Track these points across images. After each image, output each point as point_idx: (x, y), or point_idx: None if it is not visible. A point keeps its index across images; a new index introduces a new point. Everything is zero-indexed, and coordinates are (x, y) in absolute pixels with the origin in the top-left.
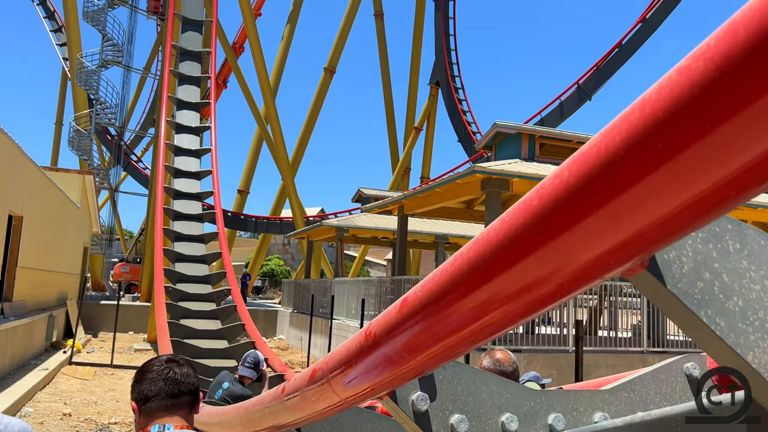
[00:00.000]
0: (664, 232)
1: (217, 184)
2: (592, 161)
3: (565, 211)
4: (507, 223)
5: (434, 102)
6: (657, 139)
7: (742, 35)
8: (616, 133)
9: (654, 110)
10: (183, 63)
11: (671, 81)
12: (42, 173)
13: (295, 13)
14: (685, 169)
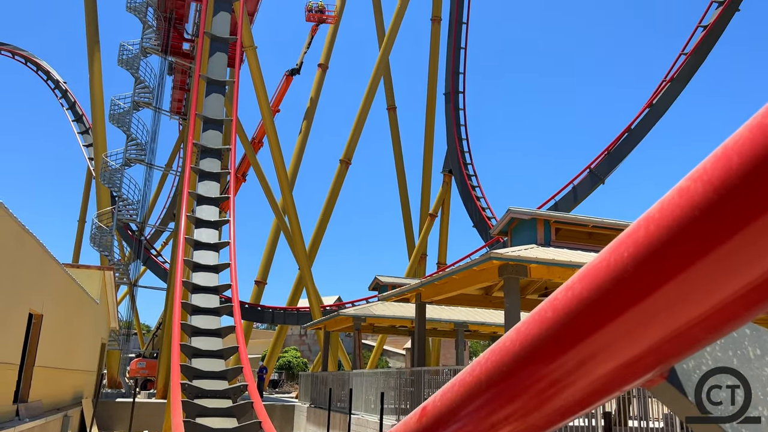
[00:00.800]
0: (679, 345)
1: (235, 277)
2: (603, 275)
3: (579, 324)
4: (523, 333)
5: (448, 189)
6: (662, 257)
7: (735, 160)
8: (623, 249)
9: (658, 229)
10: (203, 160)
11: (672, 202)
12: (63, 271)
13: (312, 109)
14: (690, 285)
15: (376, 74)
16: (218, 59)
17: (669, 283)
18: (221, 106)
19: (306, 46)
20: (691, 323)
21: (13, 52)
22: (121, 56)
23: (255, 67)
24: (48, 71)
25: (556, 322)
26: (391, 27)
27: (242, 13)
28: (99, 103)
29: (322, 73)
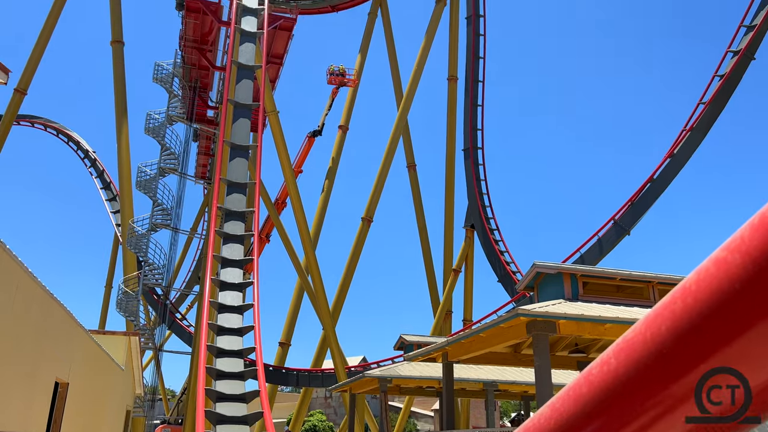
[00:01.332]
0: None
1: (260, 340)
2: (639, 350)
3: (616, 402)
4: (557, 410)
5: (471, 244)
6: (702, 331)
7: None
8: (660, 323)
9: (696, 302)
10: (228, 223)
11: (709, 273)
12: (90, 338)
13: (333, 169)
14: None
15: (396, 133)
16: (241, 125)
17: (710, 358)
18: (245, 169)
19: (327, 108)
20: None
21: (46, 124)
22: (148, 125)
23: (277, 131)
24: (78, 141)
25: (592, 400)
26: (408, 87)
27: (264, 80)
28: (126, 171)
29: (343, 134)
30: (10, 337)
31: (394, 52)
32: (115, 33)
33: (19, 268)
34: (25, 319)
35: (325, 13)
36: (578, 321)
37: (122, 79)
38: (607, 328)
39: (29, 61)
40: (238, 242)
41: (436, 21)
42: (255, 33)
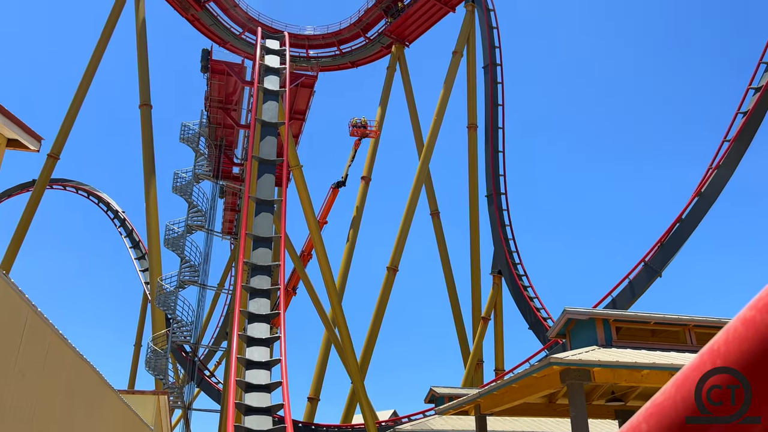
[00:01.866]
0: None
1: (287, 396)
2: (671, 415)
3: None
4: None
5: (499, 291)
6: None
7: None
8: (689, 386)
9: (725, 363)
10: (254, 277)
11: (738, 334)
12: (119, 398)
13: (357, 218)
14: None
15: (418, 182)
16: (266, 180)
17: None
18: (270, 224)
19: (350, 159)
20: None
21: (77, 187)
22: (175, 184)
23: (301, 185)
24: (108, 202)
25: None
26: (429, 136)
27: (287, 136)
28: (154, 229)
29: (366, 185)
30: (43, 399)
31: (414, 103)
32: (143, 96)
33: (50, 330)
34: (57, 381)
35: (345, 69)
36: (613, 368)
37: (150, 140)
38: (645, 374)
39: (62, 128)
40: (264, 296)
41: (454, 71)
42: (277, 91)
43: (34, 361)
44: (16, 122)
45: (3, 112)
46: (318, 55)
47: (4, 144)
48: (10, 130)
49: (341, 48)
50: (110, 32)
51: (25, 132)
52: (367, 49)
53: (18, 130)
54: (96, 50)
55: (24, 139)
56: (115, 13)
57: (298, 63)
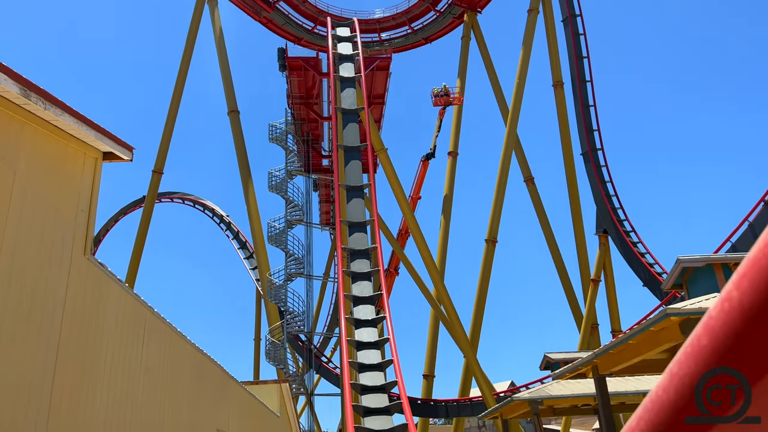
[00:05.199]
0: None
1: (399, 372)
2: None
3: (747, 340)
4: (677, 375)
5: (606, 250)
6: None
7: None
8: (689, 384)
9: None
10: (354, 262)
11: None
12: (243, 388)
13: (449, 196)
14: None
15: (507, 149)
16: (353, 167)
17: None
18: (362, 209)
19: (437, 130)
20: None
21: (183, 198)
22: (271, 182)
23: (388, 168)
24: (213, 209)
25: (714, 351)
26: (513, 100)
27: (368, 121)
28: (258, 228)
29: (453, 160)
30: (171, 392)
31: (493, 70)
32: (230, 104)
33: (169, 329)
34: (181, 375)
35: (419, 46)
36: None
37: (242, 144)
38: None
39: (161, 144)
40: (366, 279)
41: (532, 30)
42: (353, 77)
43: (158, 358)
44: (108, 135)
45: (95, 127)
46: (390, 37)
47: (101, 157)
48: (103, 144)
49: (412, 26)
50: (192, 46)
51: (117, 144)
52: (438, 23)
53: (110, 143)
54: (182, 65)
55: (117, 150)
56: (194, 27)
57: (371, 48)
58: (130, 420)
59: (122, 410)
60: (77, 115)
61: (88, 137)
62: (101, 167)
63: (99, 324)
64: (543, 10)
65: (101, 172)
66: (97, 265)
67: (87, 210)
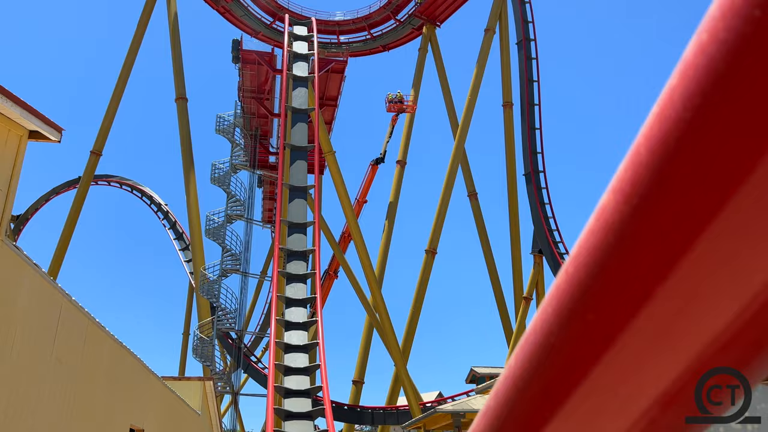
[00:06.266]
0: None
1: (325, 377)
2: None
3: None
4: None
5: (540, 270)
6: None
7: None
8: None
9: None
10: (290, 263)
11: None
12: (163, 384)
13: (394, 203)
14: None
15: (454, 163)
16: (298, 167)
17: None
18: (305, 210)
19: (388, 135)
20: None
21: (121, 182)
22: (213, 175)
23: (335, 171)
24: (151, 196)
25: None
26: (464, 116)
27: (317, 121)
28: (196, 220)
29: (401, 169)
30: (84, 385)
31: (447, 84)
32: (179, 90)
33: (86, 318)
34: (97, 368)
35: (377, 53)
36: None
37: (187, 133)
38: None
39: (102, 125)
40: (300, 281)
41: (487, 49)
42: (306, 77)
43: (72, 349)
44: (36, 114)
45: (22, 104)
46: (349, 40)
47: (26, 136)
48: (30, 122)
49: (372, 32)
50: (144, 28)
51: (45, 123)
52: (397, 32)
53: (38, 122)
54: (131, 47)
55: (45, 130)
56: (147, 9)
57: (329, 49)
58: (34, 412)
59: (27, 402)
60: (2, 91)
61: (12, 114)
62: (26, 146)
63: (7, 311)
64: (499, 31)
65: (25, 151)
66: (11, 248)
67: (5, 190)
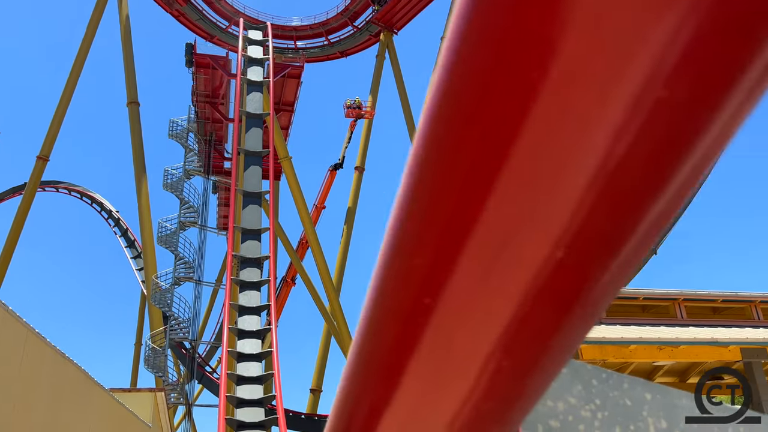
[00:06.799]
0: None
1: (279, 386)
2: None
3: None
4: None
5: None
6: None
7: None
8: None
9: None
10: (243, 270)
11: None
12: (110, 396)
13: (353, 209)
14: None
15: None
16: (252, 172)
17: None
18: (259, 216)
19: (347, 141)
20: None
21: (69, 188)
22: (166, 181)
23: (291, 177)
24: (101, 203)
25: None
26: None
27: (272, 127)
28: (148, 227)
29: (360, 175)
30: (22, 402)
31: (404, 91)
32: (131, 95)
33: (24, 329)
34: (37, 381)
35: (334, 59)
36: (600, 345)
37: (140, 138)
38: (632, 350)
39: (50, 129)
40: (254, 289)
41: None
42: (261, 82)
43: (9, 360)
44: None
45: None
46: (306, 46)
47: None
48: None
49: (329, 38)
50: (94, 31)
51: None
52: (355, 38)
53: None
54: (80, 50)
55: None
56: (98, 11)
57: (286, 54)
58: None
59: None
60: None
61: None
62: None
63: None
64: None
65: None
66: None
67: None
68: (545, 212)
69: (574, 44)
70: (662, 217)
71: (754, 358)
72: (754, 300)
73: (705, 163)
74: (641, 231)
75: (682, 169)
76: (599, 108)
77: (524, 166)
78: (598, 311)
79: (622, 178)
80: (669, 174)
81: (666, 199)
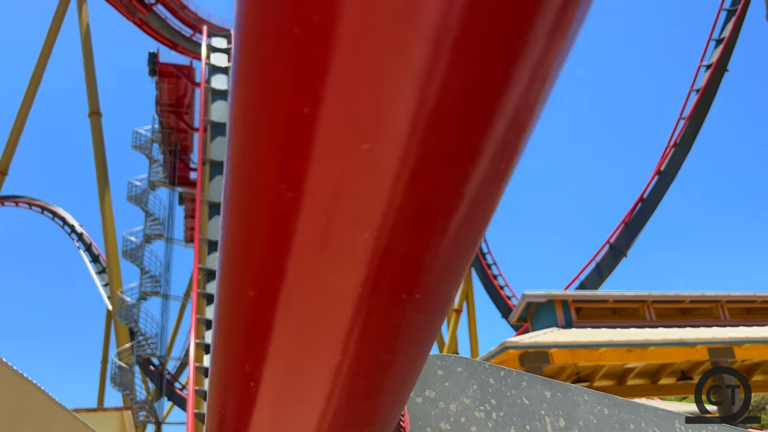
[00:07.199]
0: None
1: None
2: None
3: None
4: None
5: (469, 282)
6: None
7: None
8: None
9: None
10: (210, 283)
11: None
12: (74, 417)
13: None
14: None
15: None
16: (218, 183)
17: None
18: None
19: None
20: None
21: (30, 203)
22: (130, 193)
23: None
24: (63, 217)
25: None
26: None
27: None
28: (112, 241)
29: None
30: None
31: None
32: (92, 105)
33: None
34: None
35: None
36: (571, 348)
37: (102, 150)
38: (602, 353)
39: (8, 142)
40: None
41: None
42: (226, 90)
43: None
44: None
45: None
46: None
47: None
48: None
49: None
50: (54, 39)
51: None
52: None
53: None
54: (39, 59)
55: None
56: (57, 20)
57: None
58: None
59: None
60: None
61: None
62: None
63: None
64: None
65: None
66: None
67: None
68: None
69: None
70: (476, 199)
71: (721, 357)
72: (720, 300)
73: (508, 145)
74: (458, 213)
75: (477, 152)
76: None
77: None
78: (437, 301)
79: (418, 159)
80: (464, 162)
81: (473, 178)
